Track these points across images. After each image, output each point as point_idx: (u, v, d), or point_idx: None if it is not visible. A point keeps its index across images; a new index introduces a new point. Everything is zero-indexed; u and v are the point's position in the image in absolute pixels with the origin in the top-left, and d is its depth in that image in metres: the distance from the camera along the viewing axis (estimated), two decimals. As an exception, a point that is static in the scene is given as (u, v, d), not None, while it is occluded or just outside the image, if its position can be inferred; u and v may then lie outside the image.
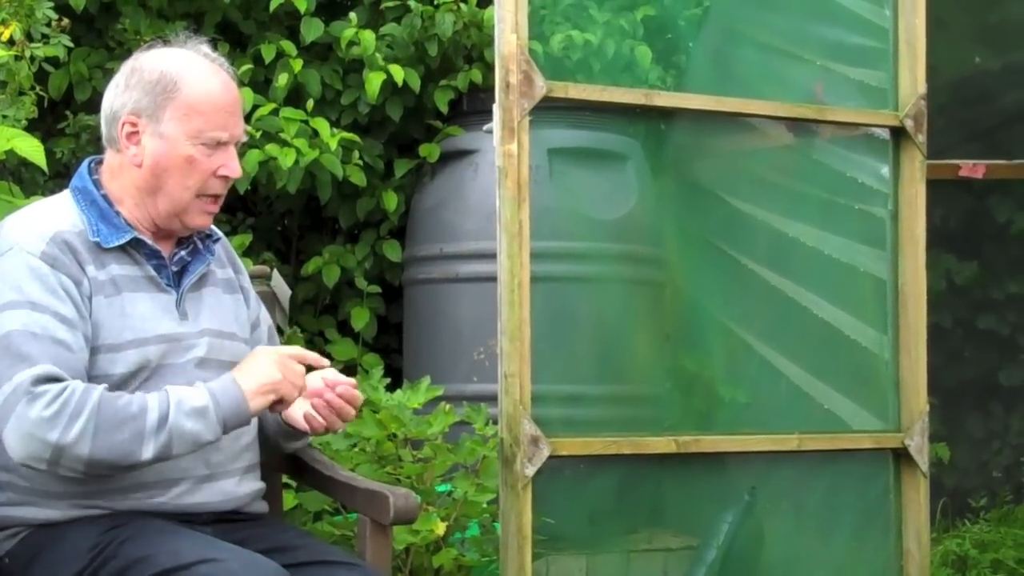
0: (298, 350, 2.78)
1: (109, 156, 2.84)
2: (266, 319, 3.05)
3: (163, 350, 2.75)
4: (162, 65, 2.79)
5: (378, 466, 3.71)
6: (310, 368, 2.84)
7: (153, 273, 2.79)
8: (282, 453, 3.05)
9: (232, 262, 3.00)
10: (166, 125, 2.77)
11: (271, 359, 2.72)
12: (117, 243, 2.76)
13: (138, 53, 2.85)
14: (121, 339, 2.71)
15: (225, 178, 2.82)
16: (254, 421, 2.90)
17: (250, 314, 2.97)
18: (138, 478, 2.70)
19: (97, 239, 2.74)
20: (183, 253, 2.85)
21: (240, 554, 2.59)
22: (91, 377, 2.68)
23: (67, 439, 2.56)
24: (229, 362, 2.83)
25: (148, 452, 2.59)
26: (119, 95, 2.81)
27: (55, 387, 2.58)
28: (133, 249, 2.78)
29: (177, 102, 2.76)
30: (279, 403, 2.73)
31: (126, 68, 2.83)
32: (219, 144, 2.79)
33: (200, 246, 2.88)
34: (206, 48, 2.86)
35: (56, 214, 2.77)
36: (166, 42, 2.89)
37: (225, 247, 3.00)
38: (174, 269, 2.83)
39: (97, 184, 2.83)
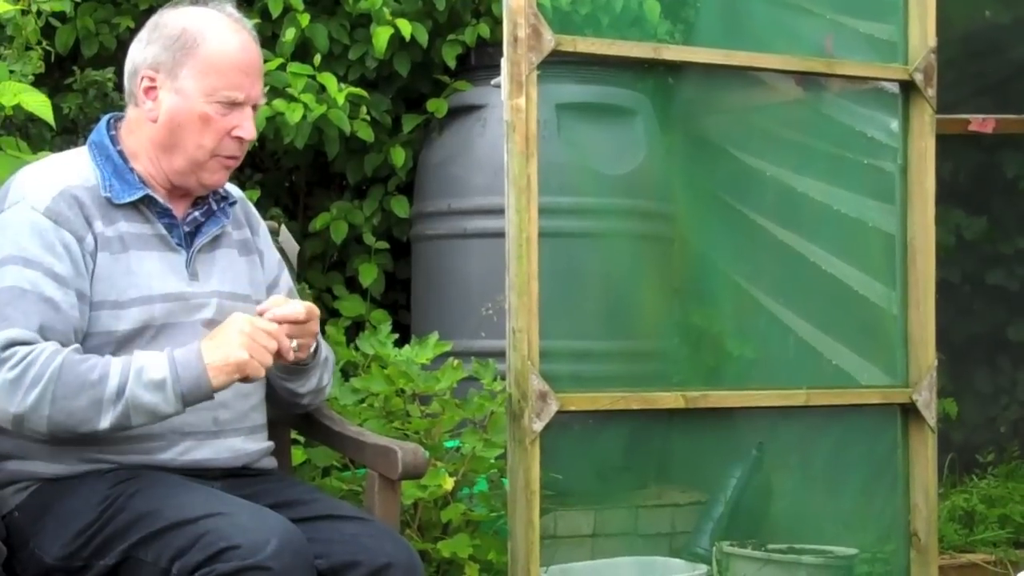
0: (270, 323, 2.70)
1: (129, 111, 2.86)
2: (287, 282, 3.04)
3: (169, 308, 2.75)
4: (184, 21, 2.80)
5: (386, 421, 3.72)
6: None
7: (163, 232, 2.80)
8: (292, 407, 3.04)
9: (250, 223, 2.99)
10: (183, 81, 2.77)
11: (242, 336, 2.65)
12: (128, 199, 2.77)
13: (163, 10, 2.86)
14: (125, 296, 2.72)
15: (240, 139, 2.82)
16: (262, 383, 2.90)
17: (266, 275, 2.96)
18: (145, 431, 2.70)
19: (108, 195, 2.75)
20: (197, 214, 2.85)
21: (249, 508, 2.60)
22: (95, 334, 2.69)
23: (26, 405, 2.58)
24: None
25: (106, 421, 2.60)
26: (140, 50, 2.82)
27: (22, 350, 2.59)
28: (145, 207, 2.79)
29: (195, 58, 2.77)
30: (244, 379, 2.68)
31: (150, 24, 2.85)
32: (235, 104, 2.80)
33: (215, 208, 2.88)
34: (231, 8, 2.87)
35: (69, 168, 2.79)
36: (194, 1, 2.89)
37: (244, 208, 2.99)
38: (186, 229, 2.83)
39: (114, 140, 2.84)
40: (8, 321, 2.61)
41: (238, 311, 2.82)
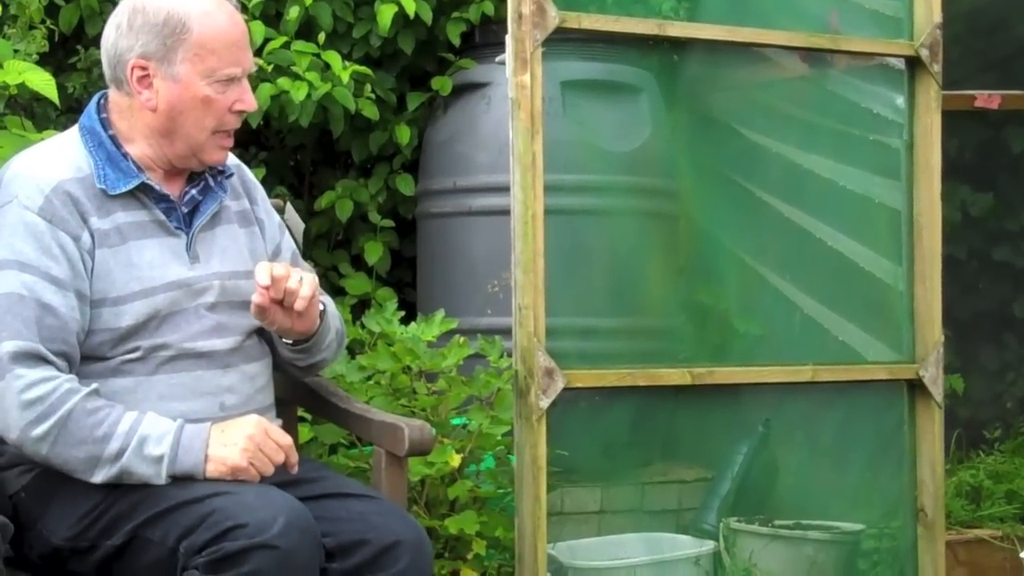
0: (283, 435, 2.72)
1: (115, 96, 2.80)
2: (289, 246, 3.01)
3: (172, 297, 2.73)
4: (167, 5, 2.73)
5: (393, 399, 3.72)
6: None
7: (162, 217, 2.77)
8: (290, 372, 3.03)
9: (248, 192, 2.96)
10: (178, 67, 2.73)
11: (250, 443, 2.65)
12: (124, 189, 2.73)
13: None
14: (127, 290, 2.69)
15: (240, 112, 2.80)
16: (268, 361, 2.90)
17: (268, 244, 2.94)
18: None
19: (103, 186, 2.71)
20: (194, 192, 2.82)
21: (255, 487, 2.61)
22: (97, 331, 2.68)
23: (27, 436, 2.59)
24: (242, 302, 2.81)
25: (98, 477, 2.61)
26: (123, 37, 2.75)
27: (38, 373, 2.59)
28: (141, 193, 2.75)
29: (187, 43, 2.72)
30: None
31: (127, 6, 2.77)
32: (232, 79, 2.76)
33: (212, 183, 2.85)
34: None
35: (61, 159, 2.74)
36: None
37: (242, 177, 2.96)
38: (184, 210, 2.80)
39: (105, 123, 2.79)
40: (9, 331, 2.60)
41: (242, 290, 2.81)
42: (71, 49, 4.53)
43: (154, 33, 2.73)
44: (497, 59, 3.64)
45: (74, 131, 2.82)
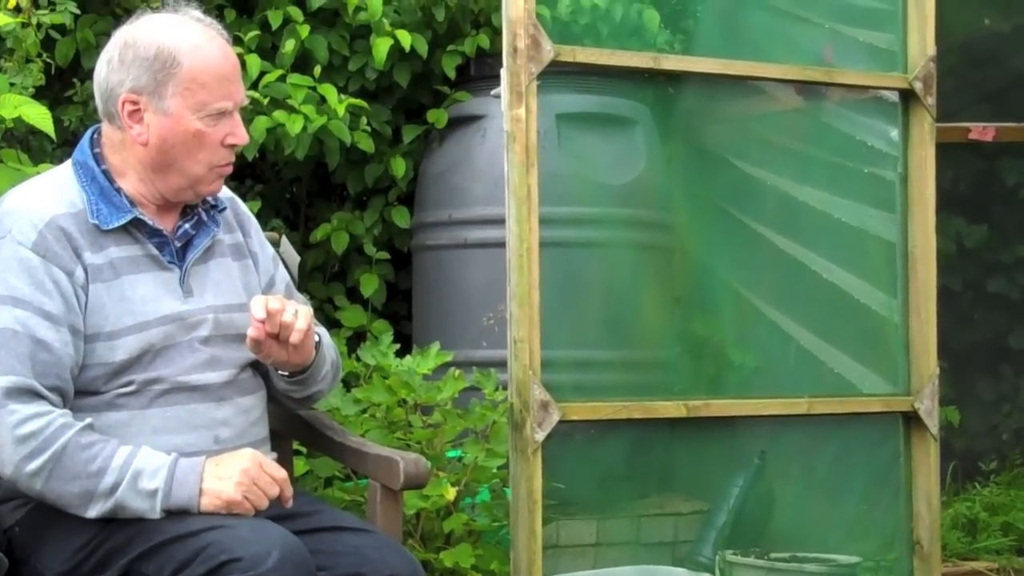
0: (278, 468, 2.71)
1: (108, 130, 2.79)
2: (283, 278, 3.00)
3: (166, 332, 2.72)
4: (157, 39, 2.71)
5: (388, 432, 3.72)
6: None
7: (155, 252, 2.76)
8: (285, 404, 3.02)
9: (241, 225, 2.95)
10: (169, 101, 2.71)
11: (244, 476, 2.63)
12: (116, 224, 2.72)
13: (128, 24, 2.78)
14: (121, 325, 2.68)
15: (232, 146, 2.79)
16: (263, 394, 2.89)
17: (261, 277, 2.93)
18: None
19: (96, 221, 2.70)
20: (187, 226, 2.81)
21: (249, 520, 2.60)
22: (91, 366, 2.67)
23: (21, 471, 2.58)
24: (236, 335, 2.80)
25: (93, 512, 2.60)
26: (114, 71, 2.74)
27: (32, 408, 2.59)
28: (134, 228, 2.74)
29: (178, 77, 2.70)
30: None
31: (118, 41, 2.75)
32: (223, 113, 2.74)
33: (205, 217, 2.84)
34: (196, 12, 2.80)
35: (55, 194, 2.73)
36: (154, 8, 2.83)
37: (235, 210, 2.95)
38: (177, 244, 2.79)
39: (98, 158, 2.78)
40: (3, 367, 2.60)
41: (236, 323, 2.81)
42: (67, 82, 4.53)
43: (145, 67, 2.71)
44: (492, 92, 3.65)
45: (68, 166, 2.80)
